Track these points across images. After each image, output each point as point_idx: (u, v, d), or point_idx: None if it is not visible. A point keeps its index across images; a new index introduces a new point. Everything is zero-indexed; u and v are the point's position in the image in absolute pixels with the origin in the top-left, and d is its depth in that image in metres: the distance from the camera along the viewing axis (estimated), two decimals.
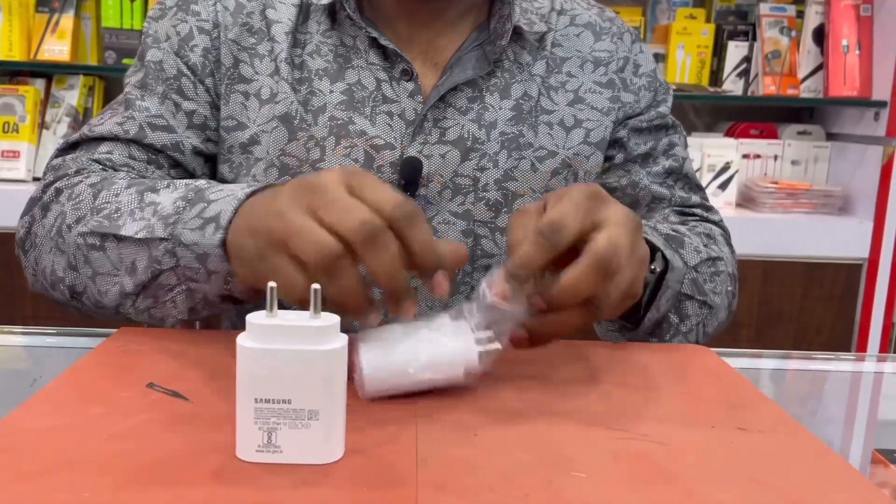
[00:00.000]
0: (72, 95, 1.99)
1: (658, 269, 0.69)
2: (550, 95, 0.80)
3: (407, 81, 0.76)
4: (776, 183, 1.95)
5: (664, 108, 0.86)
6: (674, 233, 0.77)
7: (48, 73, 2.01)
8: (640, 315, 0.69)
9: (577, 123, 0.80)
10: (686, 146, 0.89)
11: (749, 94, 2.03)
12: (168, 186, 0.65)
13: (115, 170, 0.74)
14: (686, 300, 0.73)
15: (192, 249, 0.59)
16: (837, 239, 1.92)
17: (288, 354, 0.41)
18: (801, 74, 2.01)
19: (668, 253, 0.70)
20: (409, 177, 0.75)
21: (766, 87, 1.99)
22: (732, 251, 0.84)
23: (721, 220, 0.87)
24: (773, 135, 2.09)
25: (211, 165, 0.80)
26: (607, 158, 0.83)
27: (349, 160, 0.75)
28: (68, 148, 0.77)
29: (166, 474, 0.40)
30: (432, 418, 0.49)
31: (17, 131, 1.95)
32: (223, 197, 0.59)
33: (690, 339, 0.74)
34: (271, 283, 0.42)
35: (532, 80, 0.79)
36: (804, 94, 2.01)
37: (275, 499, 0.39)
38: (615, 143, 0.83)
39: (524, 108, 0.78)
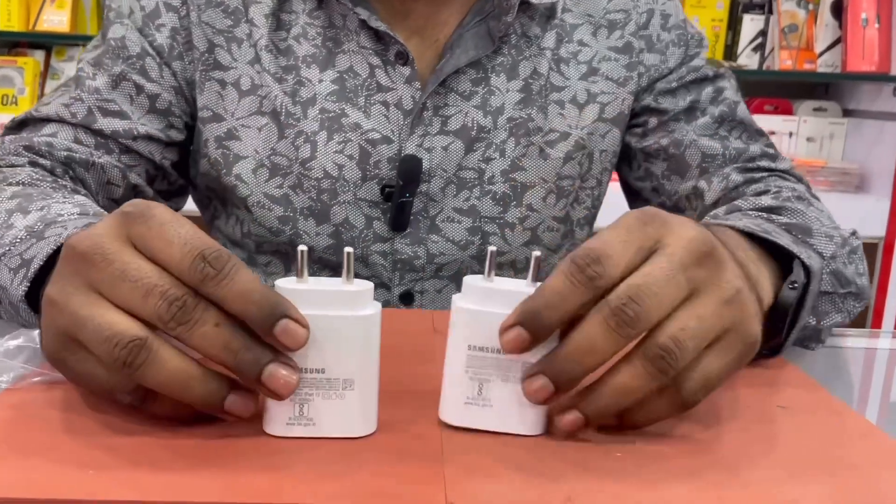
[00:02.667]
0: (72, 67, 1.95)
1: (798, 282, 0.51)
2: (561, 69, 0.72)
3: (403, 66, 0.69)
4: (791, 160, 1.91)
5: (699, 61, 0.76)
6: (775, 214, 0.61)
7: (47, 44, 1.97)
8: (775, 340, 0.53)
9: (590, 98, 0.73)
10: (738, 90, 0.77)
11: (764, 68, 1.99)
12: (42, 209, 0.52)
13: (52, 157, 0.66)
14: (828, 298, 0.58)
15: (4, 291, 0.49)
16: (853, 217, 1.87)
17: (321, 321, 0.38)
18: (818, 49, 1.97)
19: (800, 251, 0.53)
20: (408, 177, 0.69)
21: (783, 61, 1.95)
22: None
23: (793, 168, 0.75)
24: (788, 111, 2.06)
25: (180, 152, 0.73)
26: (639, 125, 0.76)
27: (343, 156, 0.69)
28: (16, 127, 0.70)
29: (189, 455, 0.37)
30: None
31: (17, 104, 1.91)
32: (50, 235, 0.48)
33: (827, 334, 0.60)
34: (302, 247, 0.38)
35: (542, 55, 0.71)
36: (821, 69, 1.97)
37: (310, 476, 0.35)
38: (644, 111, 0.76)
39: (533, 88, 0.71)
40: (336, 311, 0.38)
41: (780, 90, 2.13)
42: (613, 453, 0.39)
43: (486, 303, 0.39)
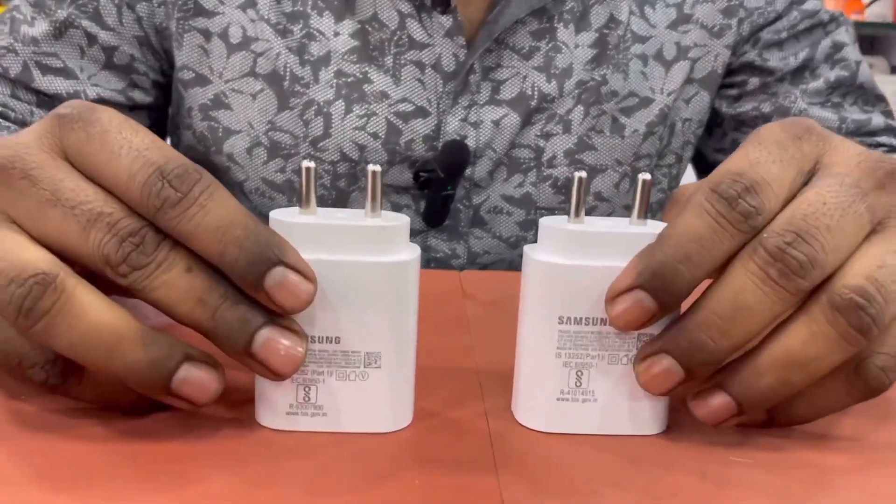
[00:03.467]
0: None
1: None
2: (646, 14, 0.57)
3: (442, 14, 0.54)
4: None
5: (813, 3, 0.61)
6: None
7: None
8: None
9: (680, 53, 0.58)
10: (856, 43, 0.63)
11: None
12: None
13: None
14: None
15: None
16: None
17: (335, 270, 0.27)
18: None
19: None
20: (452, 168, 0.55)
21: None
22: None
23: None
24: None
25: (151, 117, 0.60)
26: (734, 85, 0.62)
27: (366, 134, 0.55)
28: None
29: (143, 465, 0.26)
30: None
31: None
32: None
33: None
34: (306, 163, 0.27)
35: None
36: (869, 19, 1.83)
37: (318, 489, 0.25)
38: (744, 68, 0.61)
39: (609, 40, 0.56)
40: (356, 256, 0.27)
41: None
42: (727, 458, 0.28)
43: (582, 253, 0.28)
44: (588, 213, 0.58)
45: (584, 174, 0.28)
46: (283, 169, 0.57)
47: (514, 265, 0.59)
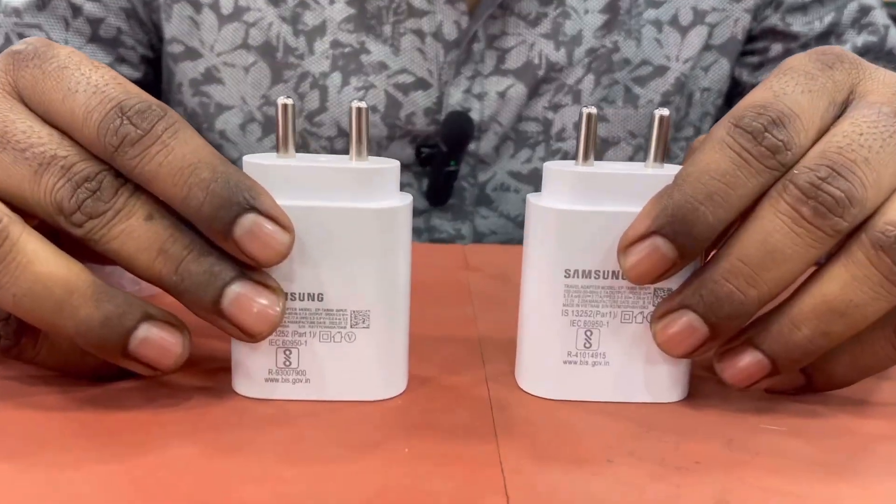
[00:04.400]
0: None
1: None
2: None
3: None
4: None
5: None
6: None
7: None
8: None
9: (697, 18, 0.54)
10: (883, 7, 0.58)
11: None
12: None
13: None
14: None
15: None
16: None
17: (317, 219, 0.24)
18: None
19: None
20: (455, 142, 0.52)
21: None
22: None
23: None
24: None
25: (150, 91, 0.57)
26: (756, 52, 0.58)
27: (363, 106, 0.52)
28: None
29: (105, 436, 0.24)
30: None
31: None
32: None
33: None
34: (283, 99, 0.25)
35: None
36: None
37: (299, 465, 0.22)
38: (766, 34, 0.57)
39: (621, 5, 0.53)
40: (340, 202, 0.24)
41: None
42: (757, 425, 0.25)
43: (592, 198, 0.25)
44: None
45: (593, 110, 0.25)
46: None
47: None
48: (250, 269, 0.23)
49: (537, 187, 0.55)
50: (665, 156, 0.26)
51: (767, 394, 0.27)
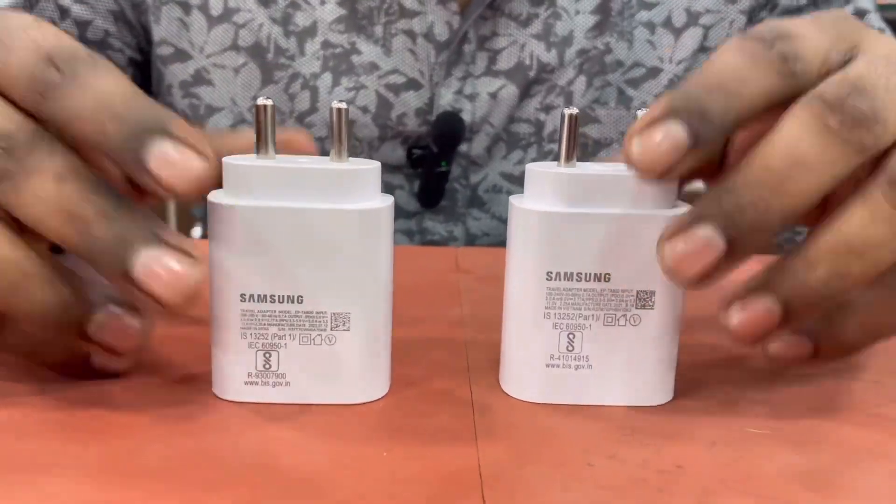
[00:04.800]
0: None
1: None
2: None
3: None
4: None
5: None
6: None
7: None
8: None
9: (691, 20, 0.54)
10: (878, 11, 0.58)
11: None
12: None
13: None
14: None
15: None
16: None
17: (296, 219, 0.24)
18: None
19: None
20: (445, 141, 0.52)
21: None
22: None
23: None
24: None
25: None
26: None
27: (355, 108, 0.52)
28: None
29: (88, 430, 0.23)
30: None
31: None
32: None
33: None
34: (262, 100, 0.24)
35: None
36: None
37: (275, 471, 0.22)
38: None
39: (612, 6, 0.53)
40: (320, 203, 0.24)
41: None
42: (742, 429, 0.25)
43: (574, 200, 0.25)
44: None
45: (575, 110, 0.25)
46: None
47: None
48: (173, 233, 0.23)
49: None
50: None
51: (771, 365, 0.26)
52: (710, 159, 0.29)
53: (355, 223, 0.24)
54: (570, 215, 0.24)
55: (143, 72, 0.56)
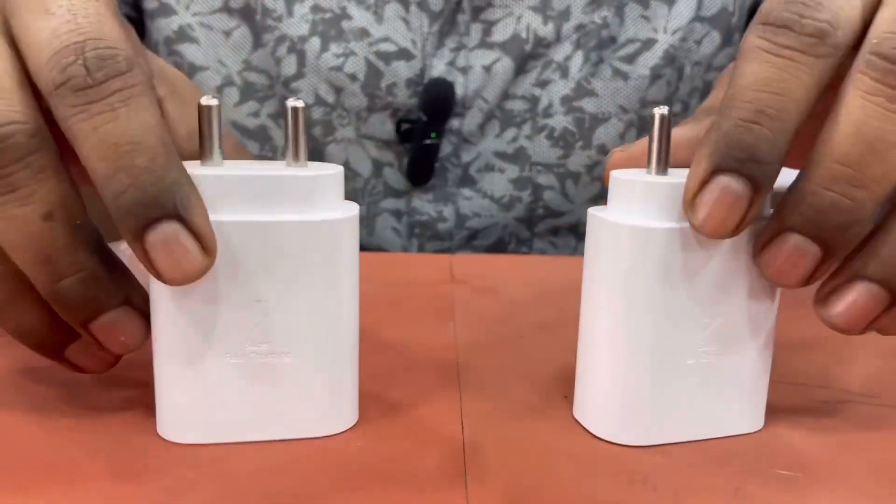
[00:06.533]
0: None
1: None
2: None
3: None
4: None
5: None
6: None
7: None
8: None
9: None
10: None
11: None
12: None
13: None
14: None
15: None
16: None
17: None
18: None
19: None
20: (435, 110, 0.50)
21: None
22: None
23: None
24: None
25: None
26: None
27: (343, 75, 0.49)
28: None
29: (18, 470, 0.20)
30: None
31: None
32: None
33: None
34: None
35: None
36: None
37: None
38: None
39: None
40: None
41: None
42: (771, 470, 0.21)
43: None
44: (589, 171, 0.52)
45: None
46: (256, 113, 0.51)
47: (508, 229, 0.54)
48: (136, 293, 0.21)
49: (523, 167, 0.52)
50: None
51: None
52: None
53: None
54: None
55: (139, 30, 0.54)
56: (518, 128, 0.51)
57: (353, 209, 0.22)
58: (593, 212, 0.23)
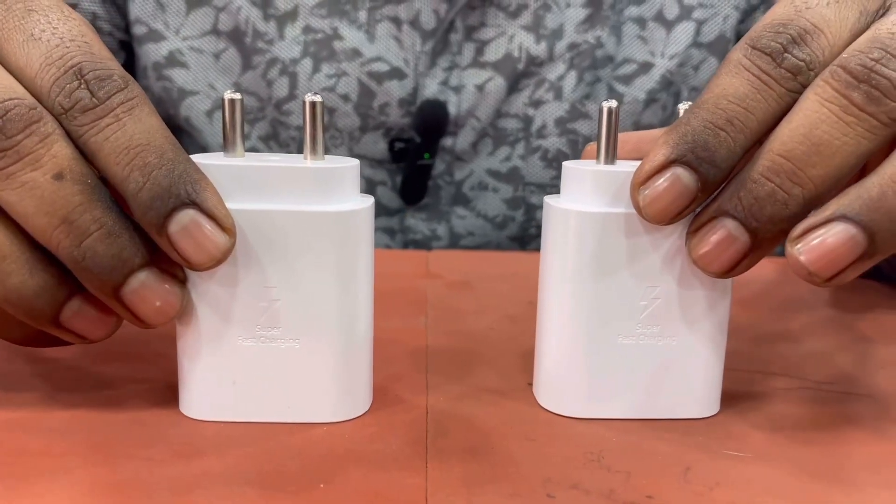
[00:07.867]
0: None
1: None
2: None
3: None
4: None
5: None
6: None
7: None
8: None
9: (683, 13, 0.52)
10: None
11: None
12: None
13: None
14: None
15: None
16: None
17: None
18: None
19: None
20: (429, 131, 0.50)
21: None
22: None
23: None
24: None
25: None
26: None
27: (335, 96, 0.50)
28: None
29: (35, 452, 0.21)
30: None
31: None
32: None
33: None
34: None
35: None
36: None
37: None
38: None
39: (604, 0, 0.51)
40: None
41: None
42: (720, 451, 0.22)
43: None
44: None
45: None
46: (247, 136, 0.52)
47: (501, 248, 0.54)
48: (164, 255, 0.21)
49: (516, 187, 0.53)
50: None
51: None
52: None
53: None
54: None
55: (131, 55, 0.54)
56: (511, 146, 0.52)
57: (369, 200, 0.23)
58: (548, 200, 0.24)
